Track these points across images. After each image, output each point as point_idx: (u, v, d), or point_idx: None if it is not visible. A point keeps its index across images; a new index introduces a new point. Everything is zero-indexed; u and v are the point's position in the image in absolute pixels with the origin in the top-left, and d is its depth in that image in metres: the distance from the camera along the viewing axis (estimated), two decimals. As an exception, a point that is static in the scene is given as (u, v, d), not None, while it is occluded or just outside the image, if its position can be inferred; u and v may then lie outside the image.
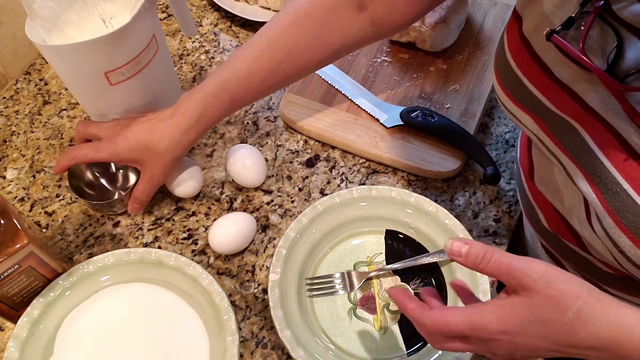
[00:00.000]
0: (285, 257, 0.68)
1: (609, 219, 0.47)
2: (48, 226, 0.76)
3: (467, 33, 0.87)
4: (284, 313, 0.64)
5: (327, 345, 0.64)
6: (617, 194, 0.45)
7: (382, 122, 0.79)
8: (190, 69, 0.90)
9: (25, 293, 0.64)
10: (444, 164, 0.76)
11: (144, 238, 0.74)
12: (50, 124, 0.85)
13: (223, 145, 0.82)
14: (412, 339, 0.64)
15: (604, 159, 0.47)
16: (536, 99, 0.51)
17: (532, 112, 0.53)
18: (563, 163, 0.52)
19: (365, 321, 0.66)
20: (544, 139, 0.53)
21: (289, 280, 0.67)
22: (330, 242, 0.71)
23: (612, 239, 0.47)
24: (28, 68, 0.91)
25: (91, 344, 0.63)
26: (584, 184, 0.49)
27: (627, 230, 0.45)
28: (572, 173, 0.51)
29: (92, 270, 0.67)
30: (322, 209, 0.71)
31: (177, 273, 0.67)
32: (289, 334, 0.63)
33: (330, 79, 0.84)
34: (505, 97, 0.55)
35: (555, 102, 0.50)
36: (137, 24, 0.67)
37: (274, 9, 0.92)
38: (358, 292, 0.68)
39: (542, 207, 0.61)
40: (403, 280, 0.68)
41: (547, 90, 0.50)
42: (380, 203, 0.72)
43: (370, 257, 0.70)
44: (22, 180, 0.80)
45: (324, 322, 0.66)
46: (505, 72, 0.54)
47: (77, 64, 0.68)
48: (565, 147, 0.51)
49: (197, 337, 0.64)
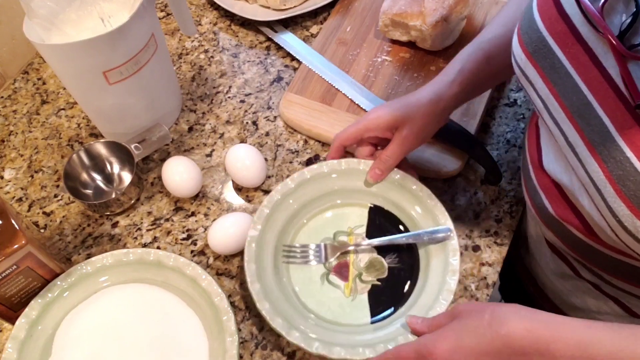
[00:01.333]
0: (267, 217, 0.69)
1: (609, 188, 0.47)
2: (46, 226, 0.76)
3: (468, 32, 0.87)
4: (256, 267, 0.65)
5: (295, 303, 0.66)
6: (620, 162, 0.46)
7: None
8: (189, 68, 0.89)
9: (24, 294, 0.64)
10: (444, 164, 0.75)
11: (143, 238, 0.74)
12: (48, 124, 0.85)
13: (222, 145, 0.81)
14: (378, 309, 0.66)
15: (609, 124, 0.47)
16: (556, 58, 0.52)
17: (546, 74, 0.53)
18: (566, 132, 0.52)
19: (336, 287, 0.67)
20: (552, 104, 0.53)
21: (268, 239, 0.68)
22: (314, 209, 0.72)
23: (611, 209, 0.48)
24: (26, 67, 0.91)
25: (90, 345, 0.63)
26: (586, 153, 0.49)
27: (627, 199, 0.46)
28: (573, 142, 0.51)
29: (91, 270, 0.67)
30: (310, 176, 0.71)
31: (176, 274, 0.67)
32: (257, 287, 0.64)
33: (331, 78, 0.83)
34: (524, 58, 0.55)
35: (574, 63, 0.50)
36: (136, 23, 0.67)
37: (274, 7, 0.92)
38: (334, 259, 0.69)
39: (547, 193, 0.62)
40: (379, 253, 0.69)
41: (569, 50, 0.51)
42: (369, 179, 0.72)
43: (351, 228, 0.71)
44: (20, 180, 0.80)
45: (297, 283, 0.68)
46: (529, 31, 0.54)
47: (75, 63, 0.67)
48: (572, 112, 0.51)
49: (196, 338, 0.64)
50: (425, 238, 0.67)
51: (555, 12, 0.52)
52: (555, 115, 0.54)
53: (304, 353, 0.65)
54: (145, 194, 0.78)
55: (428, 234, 0.67)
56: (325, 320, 0.65)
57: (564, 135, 0.53)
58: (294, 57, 0.88)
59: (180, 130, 0.83)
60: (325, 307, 0.66)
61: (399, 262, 0.68)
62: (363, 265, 0.68)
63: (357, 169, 0.72)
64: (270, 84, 0.87)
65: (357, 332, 0.64)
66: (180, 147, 0.81)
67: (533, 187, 0.65)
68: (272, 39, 0.90)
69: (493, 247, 0.71)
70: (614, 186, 0.47)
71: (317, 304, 0.66)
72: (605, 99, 0.48)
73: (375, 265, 0.68)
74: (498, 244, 0.71)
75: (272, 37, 0.90)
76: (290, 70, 0.88)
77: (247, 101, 0.85)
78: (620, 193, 0.46)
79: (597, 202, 0.50)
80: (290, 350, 0.65)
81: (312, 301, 0.66)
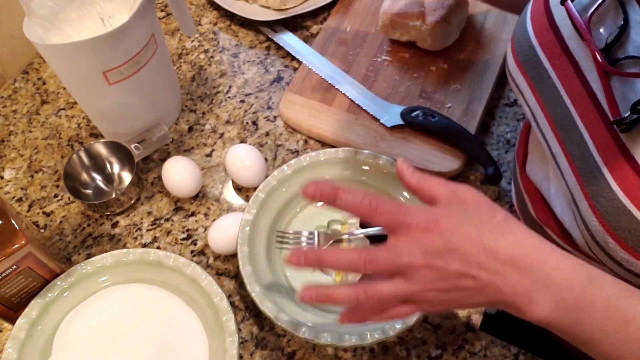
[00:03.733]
0: (262, 202, 0.70)
1: (584, 203, 0.47)
2: (46, 226, 0.76)
3: (468, 32, 0.87)
4: (249, 251, 0.66)
5: (285, 288, 0.66)
6: (595, 177, 0.46)
7: (382, 122, 0.79)
8: (189, 68, 0.89)
9: (24, 294, 0.64)
10: (444, 164, 0.75)
11: (143, 238, 0.74)
12: (48, 124, 0.85)
13: (222, 145, 0.81)
14: None
15: (588, 139, 0.47)
16: (543, 69, 0.52)
17: (534, 84, 0.54)
18: (549, 143, 0.53)
19: (327, 274, 0.68)
20: (539, 115, 0.54)
21: (262, 224, 0.69)
22: None
23: (585, 222, 0.48)
24: (26, 67, 0.91)
25: (90, 345, 0.63)
26: (566, 165, 0.50)
27: (599, 215, 0.46)
28: (556, 153, 0.52)
29: (91, 270, 0.67)
30: (307, 164, 0.72)
31: (176, 274, 0.67)
32: (249, 270, 0.65)
33: (330, 78, 0.83)
34: (515, 67, 0.56)
35: (560, 74, 0.51)
36: (136, 23, 0.67)
37: (274, 7, 0.92)
38: (327, 248, 0.70)
39: (530, 196, 0.62)
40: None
41: (555, 61, 0.51)
42: (364, 168, 0.73)
43: (345, 217, 0.72)
44: (20, 180, 0.80)
45: (289, 268, 0.68)
46: (521, 39, 0.55)
47: (75, 63, 0.67)
48: (556, 123, 0.51)
49: (196, 337, 0.64)
50: None
51: (546, 21, 0.52)
52: (540, 125, 0.54)
53: (304, 353, 0.65)
54: (145, 194, 0.78)
55: None
56: (315, 306, 0.66)
57: (548, 146, 0.53)
58: (294, 57, 0.88)
59: (180, 130, 0.83)
60: None
61: None
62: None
63: (354, 158, 0.73)
64: (270, 83, 0.87)
65: None
66: (180, 147, 0.81)
67: (518, 188, 0.65)
68: (272, 38, 0.90)
69: (493, 247, 0.71)
70: (588, 201, 0.47)
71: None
72: (586, 113, 0.48)
73: None
74: (498, 244, 0.71)
75: (272, 37, 0.90)
76: (290, 70, 0.88)
77: (247, 101, 0.85)
78: (594, 208, 0.46)
79: (575, 214, 0.50)
80: (290, 351, 0.66)
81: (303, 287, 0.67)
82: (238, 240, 0.67)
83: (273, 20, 0.91)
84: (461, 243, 0.44)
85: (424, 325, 0.66)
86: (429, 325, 0.66)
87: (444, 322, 0.66)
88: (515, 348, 0.65)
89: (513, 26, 0.85)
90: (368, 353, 0.65)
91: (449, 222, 0.45)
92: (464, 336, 0.65)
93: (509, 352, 0.64)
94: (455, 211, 0.46)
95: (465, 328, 0.66)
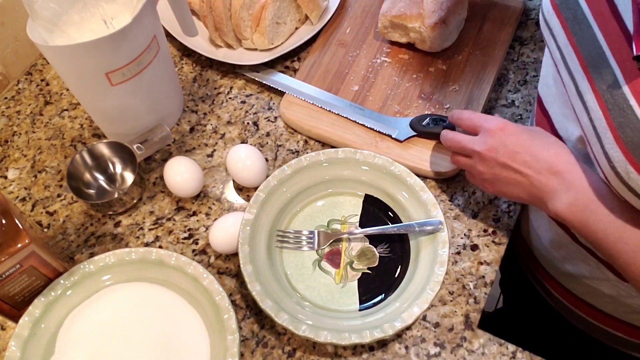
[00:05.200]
0: (263, 201, 0.71)
1: (609, 134, 0.50)
2: (49, 226, 0.76)
3: (467, 34, 0.87)
4: (250, 250, 0.67)
5: (286, 287, 0.67)
6: (623, 109, 0.49)
7: (395, 137, 0.77)
8: (191, 69, 0.90)
9: (27, 292, 0.65)
10: (443, 164, 0.76)
11: (145, 238, 0.75)
12: (51, 124, 0.85)
13: (224, 145, 0.82)
14: (367, 297, 0.67)
15: (619, 74, 0.49)
16: (580, 10, 0.55)
17: (568, 25, 0.56)
18: (577, 80, 0.55)
19: (327, 273, 0.69)
20: (569, 54, 0.56)
21: (262, 223, 0.70)
22: (309, 196, 0.74)
23: (607, 155, 0.51)
24: (29, 68, 0.92)
25: (92, 343, 0.63)
26: (592, 100, 0.52)
27: (624, 145, 0.49)
28: (583, 91, 0.54)
29: (93, 269, 0.68)
30: (307, 164, 0.73)
31: (177, 272, 0.67)
32: (250, 269, 0.65)
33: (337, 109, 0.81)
34: (551, 9, 0.59)
35: (596, 15, 0.53)
36: (138, 25, 0.67)
37: (261, 48, 0.87)
38: (326, 247, 0.71)
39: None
40: (371, 243, 0.71)
41: (593, 2, 0.53)
42: (363, 168, 0.74)
43: (345, 216, 0.73)
44: (24, 180, 0.80)
45: (289, 267, 0.69)
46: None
47: (78, 65, 0.68)
48: (587, 62, 0.53)
49: (197, 336, 0.64)
50: (417, 229, 0.69)
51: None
52: (570, 64, 0.56)
53: (304, 351, 0.66)
54: (147, 193, 0.78)
55: (419, 225, 0.69)
56: (315, 305, 0.67)
57: (575, 85, 0.56)
58: (294, 58, 0.89)
59: (182, 131, 0.84)
60: (315, 292, 0.68)
61: (390, 252, 0.70)
62: (355, 254, 0.70)
63: (354, 158, 0.73)
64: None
65: (345, 318, 0.65)
66: (182, 147, 0.82)
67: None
68: (262, 81, 0.86)
69: (491, 246, 0.72)
70: (613, 133, 0.50)
71: (308, 289, 0.68)
72: (619, 50, 0.50)
73: (367, 254, 0.70)
74: (496, 243, 0.72)
75: (259, 79, 0.86)
76: (290, 72, 0.88)
77: (247, 102, 0.86)
78: (619, 139, 0.49)
79: (595, 150, 0.53)
80: (290, 349, 0.66)
81: (303, 286, 0.68)
82: (239, 239, 0.68)
83: (260, 63, 0.86)
84: (514, 145, 0.61)
85: (422, 323, 0.67)
86: (428, 324, 0.67)
87: (443, 321, 0.67)
88: (513, 346, 0.65)
89: (511, 27, 0.86)
90: (367, 351, 0.66)
91: (512, 129, 0.62)
92: (462, 334, 0.66)
93: (507, 350, 0.65)
94: (522, 126, 0.62)
95: (464, 326, 0.66)
